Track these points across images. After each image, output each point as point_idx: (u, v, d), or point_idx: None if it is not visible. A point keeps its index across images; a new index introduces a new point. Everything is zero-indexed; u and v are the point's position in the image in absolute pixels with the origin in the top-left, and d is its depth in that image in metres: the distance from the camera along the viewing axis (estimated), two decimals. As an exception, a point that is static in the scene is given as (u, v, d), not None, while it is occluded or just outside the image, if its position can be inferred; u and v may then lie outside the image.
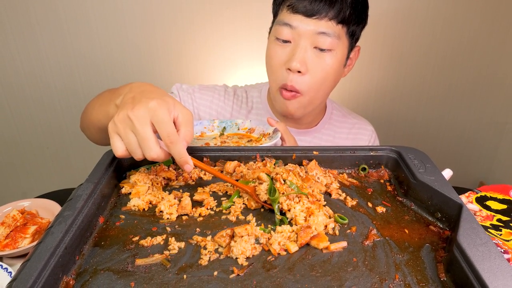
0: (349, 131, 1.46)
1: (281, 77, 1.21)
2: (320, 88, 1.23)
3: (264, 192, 0.79)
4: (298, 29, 1.14)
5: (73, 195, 0.74)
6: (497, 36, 2.32)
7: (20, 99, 2.38)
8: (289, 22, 1.15)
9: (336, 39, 1.15)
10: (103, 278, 0.62)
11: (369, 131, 1.48)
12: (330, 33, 1.13)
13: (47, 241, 0.61)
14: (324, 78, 1.20)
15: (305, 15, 1.12)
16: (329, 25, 1.13)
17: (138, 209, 0.81)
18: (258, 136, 1.15)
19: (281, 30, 1.17)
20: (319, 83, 1.20)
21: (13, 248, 1.07)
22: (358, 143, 1.44)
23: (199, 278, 0.62)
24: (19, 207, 1.22)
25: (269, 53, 1.23)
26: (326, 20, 1.12)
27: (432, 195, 0.77)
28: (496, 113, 2.57)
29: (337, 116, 1.48)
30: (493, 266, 0.56)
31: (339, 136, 1.45)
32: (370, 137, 1.47)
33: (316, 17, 1.12)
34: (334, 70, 1.20)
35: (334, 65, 1.19)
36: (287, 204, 0.76)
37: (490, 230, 0.92)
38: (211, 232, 0.73)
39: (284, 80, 1.20)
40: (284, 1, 1.17)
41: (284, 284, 0.61)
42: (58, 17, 2.17)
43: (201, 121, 1.21)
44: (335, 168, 0.94)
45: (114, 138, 0.77)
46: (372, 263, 0.65)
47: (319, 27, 1.13)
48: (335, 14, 1.12)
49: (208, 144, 1.09)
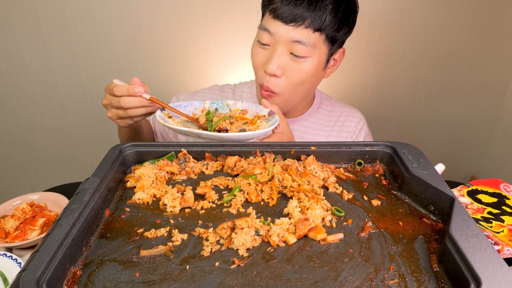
0: (337, 119, 1.43)
1: (260, 76, 1.22)
2: (296, 90, 1.23)
3: (204, 118, 1.02)
4: (276, 35, 1.14)
5: (80, 189, 0.73)
6: (487, 38, 2.32)
7: (29, 97, 2.38)
8: (268, 28, 1.15)
9: (311, 47, 1.14)
10: (109, 268, 0.62)
11: (357, 118, 1.44)
12: (305, 42, 1.12)
13: (55, 233, 0.61)
14: (300, 82, 1.20)
15: (283, 21, 1.12)
16: (304, 34, 1.12)
17: (142, 202, 0.80)
18: (252, 118, 1.12)
19: (262, 34, 1.18)
20: (294, 86, 1.20)
21: (22, 240, 1.07)
22: (345, 130, 1.41)
23: (201, 269, 0.62)
24: (28, 200, 1.22)
25: (252, 53, 1.25)
26: (302, 28, 1.11)
27: (425, 189, 0.77)
28: (487, 110, 2.57)
29: (326, 105, 1.46)
30: (484, 257, 0.56)
31: (327, 125, 1.42)
32: (357, 124, 1.43)
33: (293, 24, 1.11)
34: (310, 75, 1.20)
35: (309, 71, 1.18)
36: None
37: (481, 222, 0.92)
38: (213, 224, 0.73)
39: (262, 80, 1.21)
40: (268, 4, 1.17)
41: (283, 274, 0.61)
42: (66, 19, 2.17)
43: (192, 102, 1.16)
44: (332, 163, 0.94)
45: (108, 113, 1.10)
46: (367, 254, 0.65)
47: (294, 35, 1.12)
48: (311, 22, 1.11)
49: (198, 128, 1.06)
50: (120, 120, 1.10)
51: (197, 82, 2.40)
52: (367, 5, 2.19)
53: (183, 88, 2.41)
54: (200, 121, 1.06)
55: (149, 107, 1.07)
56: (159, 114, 1.07)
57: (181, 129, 0.97)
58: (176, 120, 1.11)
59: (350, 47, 2.30)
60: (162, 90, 2.40)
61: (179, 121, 1.11)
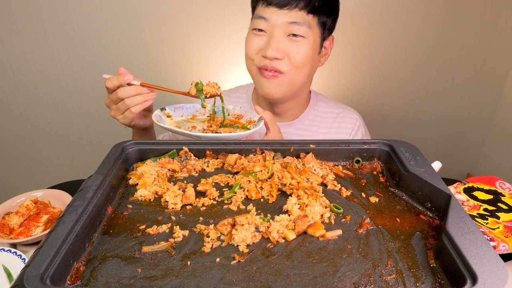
0: (334, 120, 1.43)
1: (258, 60, 1.23)
2: (300, 71, 1.24)
3: (194, 90, 1.09)
4: (271, 20, 1.17)
5: (83, 186, 0.73)
6: (482, 37, 2.32)
7: (33, 95, 2.38)
8: (263, 15, 1.18)
9: (307, 27, 1.18)
10: (111, 264, 0.62)
11: (353, 119, 1.43)
12: (301, 22, 1.16)
13: (58, 229, 0.61)
14: (302, 63, 1.21)
15: (278, 6, 1.15)
16: (299, 15, 1.16)
17: (144, 199, 0.80)
18: (245, 122, 1.16)
19: (257, 22, 1.21)
20: (297, 67, 1.22)
21: (26, 236, 1.07)
22: (341, 132, 1.41)
23: (202, 264, 0.62)
24: (32, 197, 1.22)
25: (246, 42, 1.26)
26: (297, 10, 1.15)
27: (422, 186, 0.77)
28: (482, 109, 2.56)
29: (322, 107, 1.45)
30: (479, 253, 0.56)
31: (324, 126, 1.42)
32: (354, 125, 1.42)
33: (287, 8, 1.15)
34: (309, 55, 1.22)
35: (308, 51, 1.20)
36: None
37: (477, 219, 0.92)
38: (214, 221, 0.73)
39: (261, 63, 1.22)
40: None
41: (282, 270, 0.61)
42: (70, 19, 2.16)
43: (194, 105, 1.21)
44: (331, 161, 0.94)
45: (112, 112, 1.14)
46: (365, 250, 0.65)
47: (290, 17, 1.16)
48: (305, 4, 1.15)
49: (194, 127, 1.12)
50: (121, 116, 1.11)
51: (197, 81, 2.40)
52: (366, 4, 2.19)
53: (184, 87, 2.41)
54: (191, 92, 1.12)
55: (145, 94, 1.09)
56: (157, 113, 1.11)
57: (173, 129, 1.01)
58: (173, 119, 1.16)
59: (349, 47, 2.32)
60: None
61: (176, 120, 1.16)
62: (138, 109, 1.09)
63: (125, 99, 1.08)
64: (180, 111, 1.19)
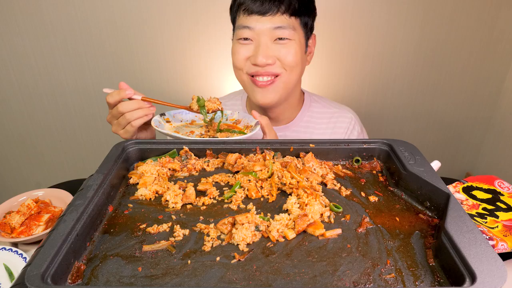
0: (329, 120, 1.42)
1: (248, 67, 1.23)
2: (293, 72, 1.24)
3: (196, 105, 1.10)
4: (256, 28, 1.17)
5: (84, 185, 0.73)
6: (481, 37, 2.32)
7: (34, 95, 2.38)
8: (247, 25, 1.18)
9: (292, 30, 1.18)
10: (112, 263, 0.62)
11: (348, 118, 1.43)
12: (285, 26, 1.17)
13: (59, 228, 0.61)
14: (295, 62, 1.22)
15: (260, 14, 1.15)
16: (282, 19, 1.17)
17: (145, 198, 0.80)
18: (242, 127, 1.17)
19: (241, 32, 1.21)
20: (291, 66, 1.22)
21: (27, 235, 1.07)
22: (336, 132, 1.41)
23: (202, 263, 0.62)
24: (34, 196, 1.22)
25: (233, 53, 1.26)
26: (279, 15, 1.16)
27: (422, 185, 0.77)
28: (481, 109, 2.56)
29: (316, 108, 1.45)
30: (478, 252, 0.56)
31: (319, 127, 1.41)
32: (348, 124, 1.42)
33: (270, 14, 1.15)
34: (299, 56, 1.23)
35: (297, 51, 1.21)
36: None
37: (476, 218, 0.92)
38: (214, 220, 0.73)
39: (251, 69, 1.22)
40: (239, 6, 1.20)
41: (282, 268, 0.61)
42: (71, 20, 2.17)
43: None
44: (331, 160, 0.94)
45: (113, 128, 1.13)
46: (365, 249, 0.65)
47: (274, 22, 1.16)
48: (286, 8, 1.16)
49: (193, 132, 1.12)
50: (123, 131, 1.11)
51: (198, 81, 2.40)
52: (364, 4, 2.18)
53: (185, 87, 2.41)
54: (193, 108, 1.13)
55: (146, 108, 1.09)
56: (157, 118, 1.13)
57: (170, 134, 1.02)
58: (173, 124, 1.17)
59: (348, 47, 2.31)
60: (164, 89, 2.40)
61: (175, 126, 1.17)
62: (139, 123, 1.09)
63: (125, 113, 1.07)
64: (179, 117, 1.20)
